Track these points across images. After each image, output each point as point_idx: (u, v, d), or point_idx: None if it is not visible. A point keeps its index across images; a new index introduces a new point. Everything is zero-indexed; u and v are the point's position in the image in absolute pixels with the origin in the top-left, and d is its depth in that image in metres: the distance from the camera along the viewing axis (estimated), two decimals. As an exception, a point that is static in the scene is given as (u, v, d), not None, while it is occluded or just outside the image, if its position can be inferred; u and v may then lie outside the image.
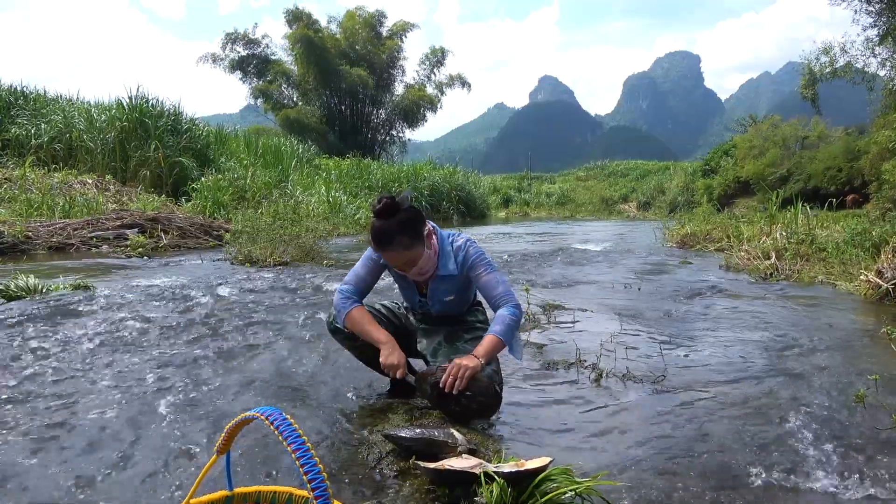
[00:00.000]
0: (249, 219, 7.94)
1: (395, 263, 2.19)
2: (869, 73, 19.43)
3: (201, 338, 3.26)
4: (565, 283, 6.04)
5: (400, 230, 2.08)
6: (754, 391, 2.65)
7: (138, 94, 12.63)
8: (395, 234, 2.08)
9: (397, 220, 2.08)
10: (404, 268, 2.19)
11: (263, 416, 1.02)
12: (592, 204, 39.74)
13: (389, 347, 2.18)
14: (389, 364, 2.16)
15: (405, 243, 2.10)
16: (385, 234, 2.09)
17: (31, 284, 4.08)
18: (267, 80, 34.35)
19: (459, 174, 22.33)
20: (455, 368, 2.04)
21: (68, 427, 2.02)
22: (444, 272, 2.27)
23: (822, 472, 1.86)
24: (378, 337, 2.21)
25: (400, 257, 2.14)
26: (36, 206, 8.73)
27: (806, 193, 20.34)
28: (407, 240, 2.10)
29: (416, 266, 2.18)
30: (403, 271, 2.22)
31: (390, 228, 2.08)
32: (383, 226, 2.08)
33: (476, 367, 2.06)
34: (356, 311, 2.26)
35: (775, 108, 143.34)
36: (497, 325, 2.17)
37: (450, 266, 2.27)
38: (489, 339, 2.14)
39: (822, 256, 6.93)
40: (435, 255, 2.25)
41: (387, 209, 2.07)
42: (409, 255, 2.14)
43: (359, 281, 2.32)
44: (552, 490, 1.59)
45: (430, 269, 2.25)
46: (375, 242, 2.13)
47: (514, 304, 2.23)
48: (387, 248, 2.11)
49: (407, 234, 2.09)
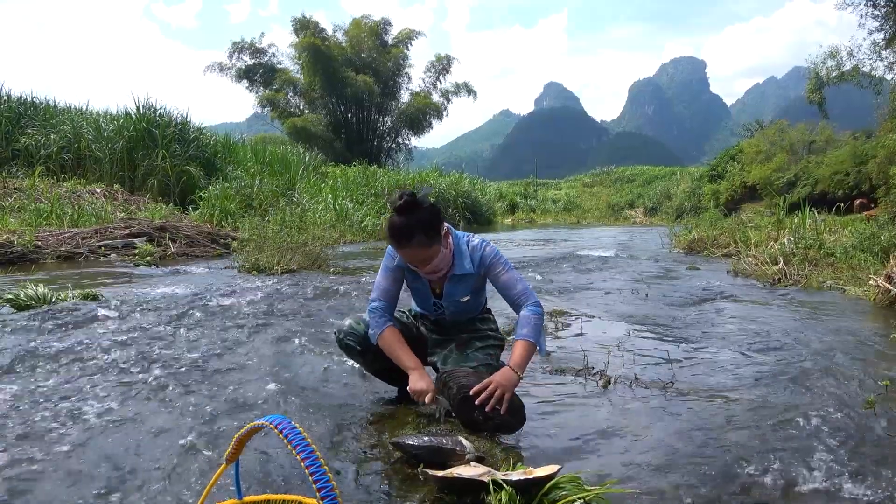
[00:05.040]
0: (256, 227, 7.97)
1: (411, 260, 2.19)
2: (876, 77, 19.38)
3: (209, 346, 3.27)
4: (572, 289, 6.03)
5: (420, 227, 2.08)
6: (763, 397, 2.63)
7: (146, 104, 12.74)
8: (415, 231, 2.08)
9: (417, 218, 2.08)
10: (420, 265, 2.19)
11: (272, 425, 1.02)
12: (599, 210, 39.72)
13: (418, 374, 2.19)
14: (418, 390, 2.16)
15: (424, 241, 2.10)
16: (405, 231, 2.09)
17: (40, 294, 4.10)
18: (273, 89, 34.55)
19: (465, 181, 22.33)
20: (495, 388, 2.02)
21: (76, 435, 2.03)
22: (459, 271, 2.28)
23: (832, 479, 1.84)
24: (407, 364, 2.22)
25: (418, 254, 2.14)
26: (45, 216, 8.79)
27: (813, 198, 20.28)
28: (426, 237, 2.10)
29: (431, 264, 2.18)
30: (418, 268, 2.22)
31: (410, 225, 2.08)
32: (403, 222, 2.08)
33: (514, 387, 2.08)
34: (388, 333, 2.27)
35: (782, 113, 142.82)
36: (524, 327, 2.18)
37: (465, 265, 2.27)
38: (523, 346, 2.15)
39: (831, 261, 6.89)
40: (450, 254, 2.25)
41: (407, 206, 2.07)
42: (427, 253, 2.13)
43: (385, 294, 2.33)
44: (561, 498, 1.59)
45: (445, 267, 2.25)
46: (394, 239, 2.13)
47: (535, 301, 2.25)
48: (406, 245, 2.11)
49: (426, 231, 2.10)
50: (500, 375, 2.07)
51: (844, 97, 28.63)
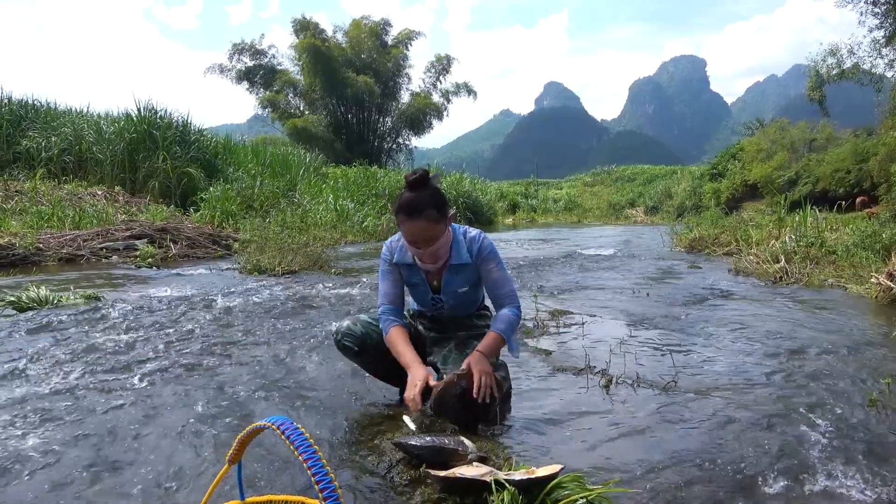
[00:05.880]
0: (257, 228, 7.99)
1: (417, 237, 2.18)
2: (876, 75, 19.34)
3: (210, 347, 3.27)
4: (574, 288, 6.03)
5: (430, 202, 2.14)
6: (765, 396, 2.63)
7: (147, 106, 12.76)
8: (426, 205, 2.13)
9: (429, 193, 2.15)
10: (424, 245, 2.19)
11: (274, 426, 1.02)
12: (600, 209, 39.68)
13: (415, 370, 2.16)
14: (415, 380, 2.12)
15: (433, 216, 2.15)
16: (417, 204, 2.13)
17: (42, 296, 4.11)
18: (274, 90, 34.57)
19: (466, 181, 22.34)
20: (482, 377, 2.04)
21: (77, 435, 2.03)
22: (457, 261, 2.32)
23: (835, 477, 1.84)
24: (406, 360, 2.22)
25: (425, 231, 2.15)
26: (46, 218, 8.81)
27: (814, 196, 20.22)
28: (435, 213, 2.15)
29: (434, 245, 2.20)
30: (421, 249, 2.21)
31: (423, 199, 2.14)
32: (416, 196, 2.14)
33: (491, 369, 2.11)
34: (392, 332, 2.31)
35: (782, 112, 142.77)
36: (500, 323, 2.26)
37: (463, 254, 2.32)
38: (492, 337, 2.22)
39: (832, 259, 6.88)
40: (449, 244, 2.29)
41: (422, 180, 2.15)
42: (434, 231, 2.17)
43: (388, 297, 2.37)
44: (563, 497, 1.59)
45: (444, 255, 2.29)
46: (405, 212, 2.14)
47: (517, 305, 2.33)
48: (416, 218, 2.13)
49: (437, 207, 2.16)
50: (475, 365, 2.08)
51: (845, 95, 28.61)
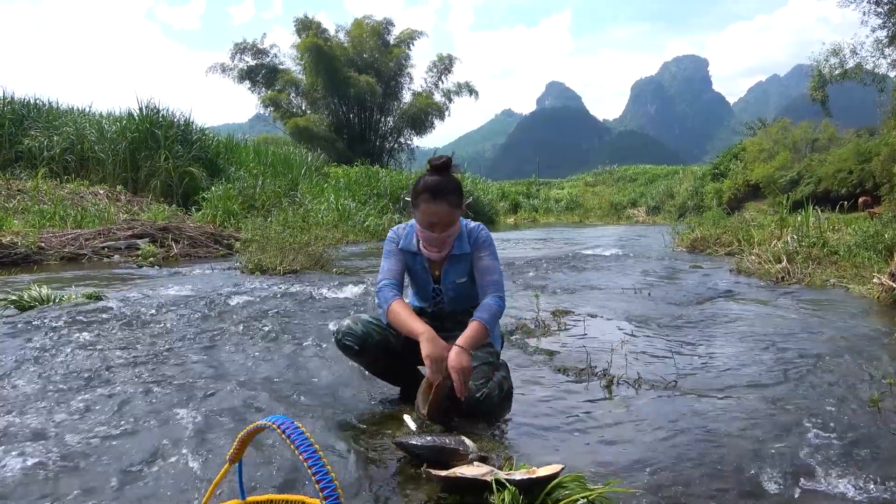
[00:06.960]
0: (259, 227, 7.99)
1: (436, 219, 2.27)
2: (879, 75, 19.29)
3: (211, 346, 3.27)
4: (575, 288, 6.02)
5: (452, 187, 2.28)
6: (767, 396, 2.62)
7: (149, 105, 12.78)
8: (449, 189, 2.27)
9: (452, 178, 2.31)
10: (439, 229, 2.29)
11: (275, 425, 1.02)
12: (601, 209, 39.63)
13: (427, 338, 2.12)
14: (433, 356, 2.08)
15: (454, 201, 2.28)
16: (442, 187, 2.26)
17: (44, 295, 4.12)
18: (276, 90, 34.60)
19: (468, 181, 22.36)
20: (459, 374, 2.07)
21: (78, 435, 2.03)
22: (458, 251, 2.42)
23: (836, 478, 1.84)
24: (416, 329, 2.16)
25: (445, 214, 2.27)
26: (48, 217, 8.83)
27: (816, 196, 20.18)
28: (456, 198, 2.28)
29: (448, 231, 2.31)
30: (434, 233, 2.30)
31: (446, 183, 2.28)
32: (441, 179, 2.28)
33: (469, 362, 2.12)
34: (395, 305, 2.30)
35: (784, 112, 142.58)
36: (484, 312, 2.28)
37: (464, 245, 2.43)
38: (474, 326, 2.23)
39: (834, 259, 6.86)
40: (457, 233, 2.39)
41: (446, 165, 2.30)
42: (452, 216, 2.29)
43: (390, 273, 2.42)
44: (564, 497, 1.59)
45: (451, 243, 2.39)
46: (430, 192, 2.25)
47: (502, 295, 2.37)
48: (440, 198, 2.25)
49: (457, 192, 2.30)
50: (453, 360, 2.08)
51: (847, 95, 28.53)
